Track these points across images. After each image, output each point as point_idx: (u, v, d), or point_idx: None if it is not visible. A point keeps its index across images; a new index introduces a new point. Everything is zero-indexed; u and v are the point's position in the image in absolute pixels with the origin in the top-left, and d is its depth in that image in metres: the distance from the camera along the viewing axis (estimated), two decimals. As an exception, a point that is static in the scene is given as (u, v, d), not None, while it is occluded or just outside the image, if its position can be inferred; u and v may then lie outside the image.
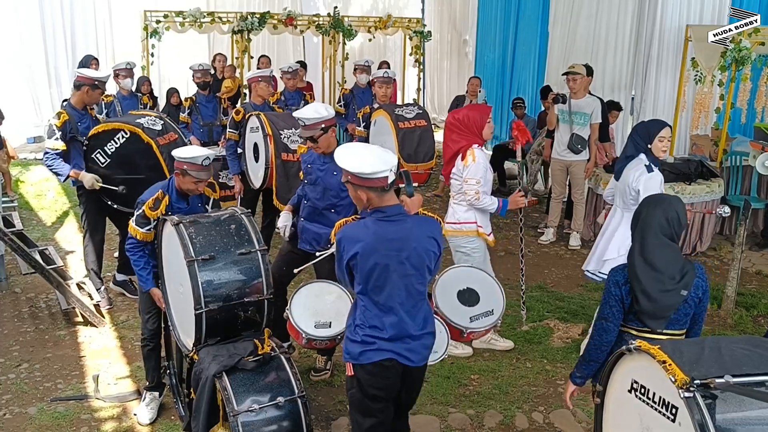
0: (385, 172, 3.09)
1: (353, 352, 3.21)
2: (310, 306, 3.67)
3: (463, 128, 5.08)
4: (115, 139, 5.62)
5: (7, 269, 6.59)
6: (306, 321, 3.60)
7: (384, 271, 3.12)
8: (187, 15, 10.91)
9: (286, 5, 12.59)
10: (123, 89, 7.62)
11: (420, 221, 3.32)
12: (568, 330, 5.85)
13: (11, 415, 4.48)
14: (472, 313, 3.98)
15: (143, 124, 5.66)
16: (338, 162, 3.18)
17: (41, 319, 5.88)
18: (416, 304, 3.23)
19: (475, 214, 5.15)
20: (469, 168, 5.01)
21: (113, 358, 5.26)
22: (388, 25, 12.37)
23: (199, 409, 3.71)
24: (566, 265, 7.49)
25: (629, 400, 2.78)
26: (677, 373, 2.47)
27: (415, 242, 3.15)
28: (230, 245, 3.75)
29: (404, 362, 3.22)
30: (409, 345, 3.22)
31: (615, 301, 3.23)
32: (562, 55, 10.68)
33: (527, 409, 4.71)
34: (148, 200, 4.24)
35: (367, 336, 3.18)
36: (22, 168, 10.74)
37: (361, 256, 3.11)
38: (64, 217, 8.67)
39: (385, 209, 3.16)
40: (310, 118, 4.62)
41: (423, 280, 3.22)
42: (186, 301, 3.72)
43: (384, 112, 6.81)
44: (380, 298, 3.16)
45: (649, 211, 3.19)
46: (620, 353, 2.85)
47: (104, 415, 4.52)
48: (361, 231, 3.16)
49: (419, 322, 3.25)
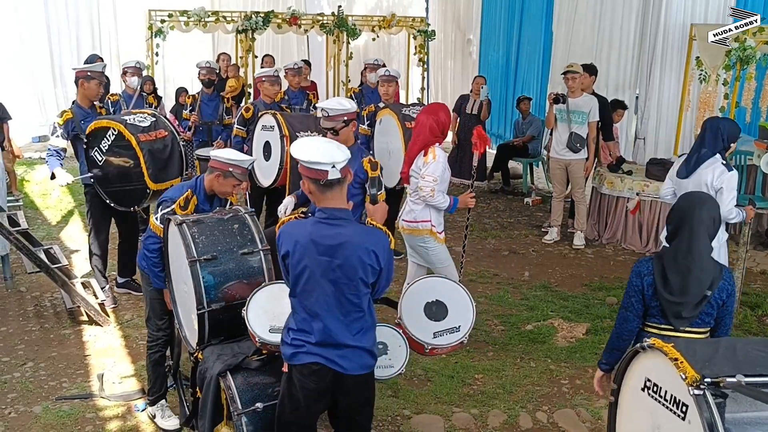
0: (324, 166, 2.98)
1: (286, 354, 3.13)
2: (268, 309, 3.54)
3: (437, 128, 5.09)
4: (106, 137, 5.61)
5: (13, 268, 6.61)
6: (261, 324, 3.47)
7: (312, 274, 3.01)
8: (192, 14, 10.92)
9: (290, 4, 12.58)
10: (129, 88, 7.63)
11: (362, 231, 3.15)
12: (572, 329, 5.84)
13: (16, 413, 4.50)
14: (437, 329, 3.80)
15: (127, 121, 5.64)
16: (290, 149, 3.14)
17: (46, 317, 5.90)
18: (349, 314, 3.06)
19: (430, 213, 5.17)
20: (429, 165, 5.03)
21: (118, 357, 5.27)
22: (392, 25, 12.36)
23: (204, 408, 3.72)
24: (570, 264, 7.48)
25: (642, 398, 2.78)
26: (688, 371, 2.47)
27: (350, 251, 3.00)
28: (233, 245, 3.75)
29: (334, 368, 3.06)
30: (341, 352, 3.07)
31: (635, 292, 3.27)
32: (566, 55, 10.65)
33: (531, 408, 4.71)
34: (179, 199, 4.11)
35: (296, 339, 3.08)
36: (27, 167, 10.77)
37: (292, 255, 3.04)
38: (68, 216, 8.69)
39: (327, 210, 3.06)
40: (334, 109, 4.67)
41: (356, 292, 3.04)
42: (190, 300, 3.73)
43: (391, 112, 6.80)
44: (308, 303, 3.05)
45: (697, 209, 3.20)
46: (635, 351, 2.86)
47: (109, 413, 4.54)
48: (297, 230, 3.09)
49: (354, 333, 3.08)
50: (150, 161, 5.51)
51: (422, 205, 5.16)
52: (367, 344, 3.14)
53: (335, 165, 3.01)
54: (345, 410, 3.23)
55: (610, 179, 8.00)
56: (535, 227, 8.67)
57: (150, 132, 5.63)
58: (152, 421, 4.45)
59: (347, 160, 3.09)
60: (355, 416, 3.25)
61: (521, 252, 7.84)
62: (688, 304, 3.15)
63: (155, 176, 5.55)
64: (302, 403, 3.15)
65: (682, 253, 3.17)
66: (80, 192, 9.19)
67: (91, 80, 5.81)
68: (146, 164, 5.49)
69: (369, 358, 3.16)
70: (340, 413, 3.25)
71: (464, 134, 9.83)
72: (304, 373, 3.09)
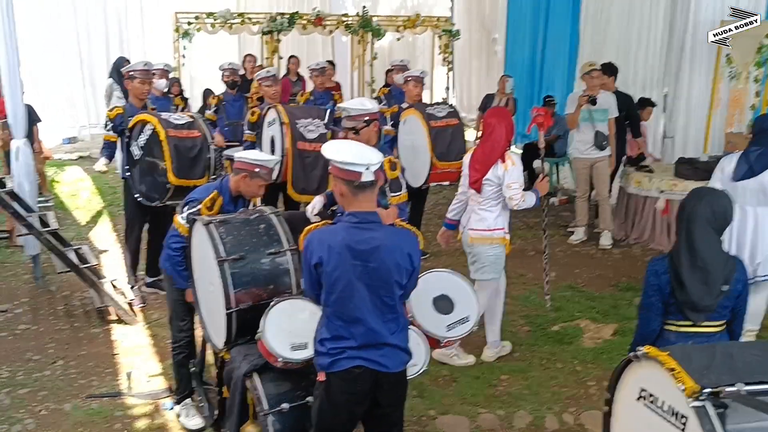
0: (358, 167, 2.96)
1: (323, 364, 3.08)
2: (284, 327, 3.50)
3: (512, 133, 5.10)
4: (144, 131, 5.73)
5: (43, 268, 6.72)
6: (281, 343, 3.43)
7: (349, 280, 2.98)
8: (218, 16, 11.04)
9: (315, 5, 12.66)
10: (156, 90, 7.72)
11: (395, 233, 3.15)
12: (599, 330, 5.78)
13: (47, 411, 4.57)
14: (449, 321, 3.85)
15: (162, 116, 5.74)
16: (323, 151, 3.11)
17: (76, 317, 5.98)
18: (384, 315, 3.06)
19: (503, 221, 5.10)
20: (509, 172, 4.93)
21: (146, 356, 5.33)
22: (416, 25, 12.35)
23: (232, 408, 3.75)
24: (597, 264, 7.41)
25: (638, 408, 2.69)
26: (686, 381, 2.38)
27: (385, 254, 2.99)
28: (260, 245, 3.77)
29: (376, 368, 3.05)
30: (383, 351, 3.07)
31: (653, 291, 3.21)
32: (593, 53, 10.54)
33: (558, 410, 4.67)
34: (205, 200, 4.15)
35: (334, 348, 3.04)
36: (57, 168, 10.93)
37: (327, 263, 2.99)
38: (98, 216, 8.81)
39: (358, 214, 3.03)
40: (356, 108, 4.68)
41: (391, 294, 3.04)
42: (216, 300, 3.75)
43: (416, 111, 6.79)
44: (347, 309, 3.02)
45: (697, 203, 3.16)
46: (628, 360, 2.79)
47: (137, 412, 4.59)
48: (329, 236, 3.04)
49: (391, 332, 3.08)
50: (175, 156, 5.57)
51: (496, 213, 5.05)
52: (404, 343, 3.17)
53: (369, 167, 2.99)
54: (384, 409, 3.21)
55: (637, 178, 7.91)
56: (561, 227, 8.60)
57: (182, 129, 5.70)
58: (178, 420, 4.49)
59: (380, 163, 3.08)
60: (392, 414, 3.26)
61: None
62: (703, 300, 3.10)
63: (178, 171, 5.59)
64: (344, 409, 3.13)
65: (689, 250, 3.11)
66: (109, 193, 9.35)
67: (134, 79, 6.00)
68: (171, 158, 5.55)
69: (405, 355, 3.19)
70: (378, 413, 3.22)
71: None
72: (345, 379, 3.06)
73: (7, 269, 6.99)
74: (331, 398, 3.11)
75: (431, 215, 8.38)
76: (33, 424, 4.42)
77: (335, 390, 3.08)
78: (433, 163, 6.63)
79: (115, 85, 8.97)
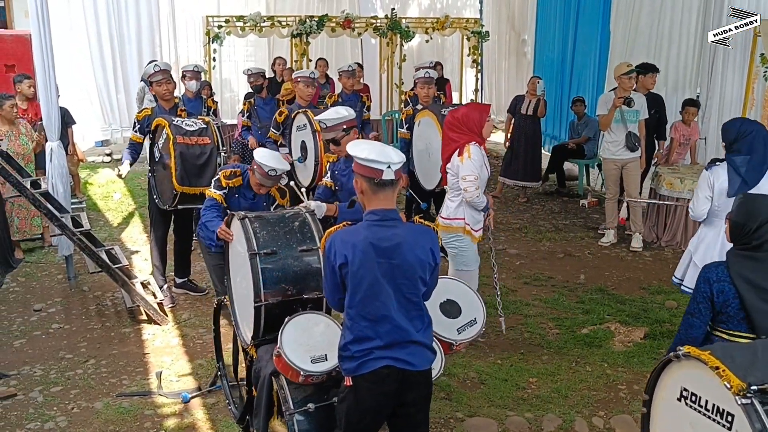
0: (380, 165, 3.00)
1: (350, 368, 3.07)
2: (302, 341, 3.51)
3: (462, 126, 5.12)
4: (163, 134, 5.81)
5: (76, 268, 6.82)
6: (301, 357, 3.43)
7: (375, 278, 2.99)
8: (248, 20, 11.12)
9: (344, 8, 12.68)
10: (188, 91, 7.81)
11: (415, 229, 3.16)
12: (629, 333, 5.71)
13: (79, 409, 4.63)
14: (458, 325, 3.86)
15: (174, 121, 5.78)
16: (347, 148, 3.17)
17: (107, 316, 6.07)
18: (409, 312, 3.07)
19: (464, 211, 5.17)
20: (464, 164, 5.03)
21: (175, 356, 5.38)
22: (445, 26, 12.32)
23: (259, 407, 3.78)
24: (627, 267, 7.32)
25: (679, 408, 2.68)
26: (732, 379, 2.38)
27: (407, 250, 3.02)
28: (293, 241, 3.80)
29: (404, 367, 3.04)
30: (409, 349, 3.06)
31: (703, 298, 3.17)
32: (624, 53, 10.43)
33: (587, 413, 4.62)
34: (227, 170, 4.89)
35: (359, 350, 3.04)
36: (90, 170, 11.11)
37: (351, 262, 3.00)
38: (129, 217, 8.92)
39: (378, 212, 3.06)
40: (332, 119, 4.70)
41: (416, 291, 3.07)
42: (247, 295, 3.78)
43: (429, 113, 6.74)
44: (372, 308, 3.02)
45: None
46: (667, 360, 2.76)
47: (167, 411, 4.63)
48: (351, 236, 3.05)
49: (417, 330, 3.09)
50: (180, 162, 5.59)
51: (457, 203, 5.18)
52: (429, 340, 3.17)
53: (391, 165, 3.03)
54: (409, 408, 3.20)
55: (669, 180, 7.80)
56: (591, 229, 8.52)
57: (191, 136, 5.71)
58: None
59: (402, 163, 3.11)
60: (418, 414, 3.24)
61: (577, 254, 7.71)
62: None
63: (182, 178, 5.61)
64: (371, 410, 3.12)
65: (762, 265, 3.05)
66: (141, 195, 9.47)
67: (152, 83, 6.23)
68: (176, 165, 5.59)
69: (431, 353, 3.19)
70: (404, 413, 3.21)
71: (518, 135, 9.73)
72: (373, 380, 3.05)
73: (42, 269, 7.11)
74: (359, 400, 3.10)
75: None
76: (65, 421, 4.48)
77: (363, 392, 3.07)
78: None
79: (147, 89, 9.06)
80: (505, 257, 7.44)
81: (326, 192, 5.17)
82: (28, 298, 6.39)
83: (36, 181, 6.56)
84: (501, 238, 5.44)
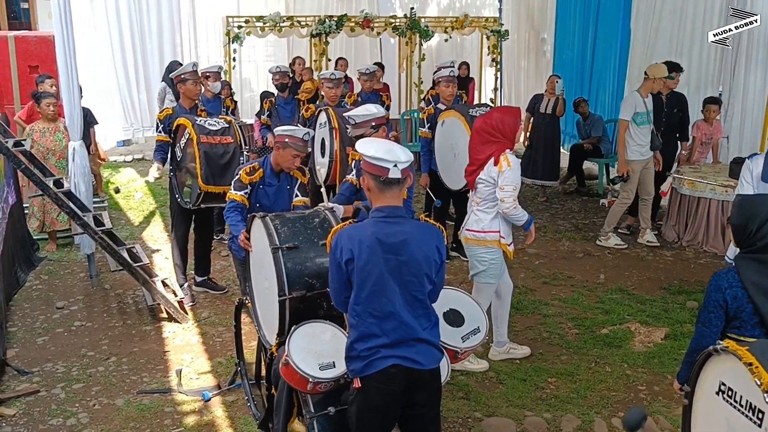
0: (386, 163, 3.02)
1: (356, 368, 3.07)
2: (309, 349, 3.50)
3: (496, 132, 4.82)
4: (185, 134, 5.85)
5: (98, 266, 6.90)
6: (310, 364, 3.41)
7: (381, 274, 3.00)
8: (267, 20, 11.16)
9: (363, 8, 12.69)
10: (208, 91, 7.87)
11: (421, 226, 3.17)
12: (650, 334, 5.67)
13: (100, 406, 4.69)
14: (462, 333, 3.88)
15: (197, 121, 5.82)
16: (357, 145, 3.18)
17: (129, 314, 6.13)
18: (416, 310, 3.07)
19: (499, 224, 4.91)
20: (504, 174, 4.76)
21: (195, 353, 5.43)
22: (464, 25, 12.29)
23: (279, 407, 3.78)
24: (648, 267, 7.26)
25: (717, 402, 2.68)
26: (764, 376, 2.37)
27: (414, 247, 3.03)
28: (314, 236, 3.81)
29: (411, 365, 3.04)
30: (416, 348, 3.06)
31: (715, 307, 3.10)
32: (644, 52, 10.36)
33: (606, 414, 4.59)
34: (246, 167, 4.83)
35: (366, 349, 3.04)
36: (112, 170, 11.22)
37: (358, 258, 3.01)
38: (150, 216, 9.00)
39: (384, 209, 3.08)
40: (361, 115, 4.70)
41: (422, 288, 3.07)
42: (271, 295, 3.79)
43: (456, 113, 6.67)
44: (378, 304, 3.02)
45: None
46: (708, 353, 2.75)
47: (186, 408, 4.67)
48: (358, 232, 3.07)
49: (423, 328, 3.09)
50: (204, 162, 5.64)
51: (492, 215, 4.91)
52: (436, 339, 3.17)
53: (397, 164, 3.04)
54: (419, 408, 3.18)
55: (690, 179, 7.73)
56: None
57: (215, 136, 5.76)
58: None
59: (409, 163, 3.11)
60: (428, 413, 3.23)
61: (596, 254, 7.67)
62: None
63: (206, 178, 5.66)
64: (381, 411, 3.12)
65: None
66: (162, 194, 9.55)
67: (186, 81, 6.19)
68: (201, 164, 5.64)
69: (438, 352, 3.18)
70: (414, 413, 3.20)
71: (537, 134, 9.69)
72: (381, 380, 3.05)
73: (64, 267, 7.20)
74: (369, 401, 3.09)
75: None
76: (86, 417, 4.54)
77: (372, 393, 3.07)
78: None
79: (168, 89, 9.15)
80: (524, 257, 7.42)
81: (350, 188, 5.17)
82: (50, 296, 6.47)
83: (59, 180, 6.64)
84: (520, 238, 5.38)
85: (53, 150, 7.46)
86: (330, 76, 7.32)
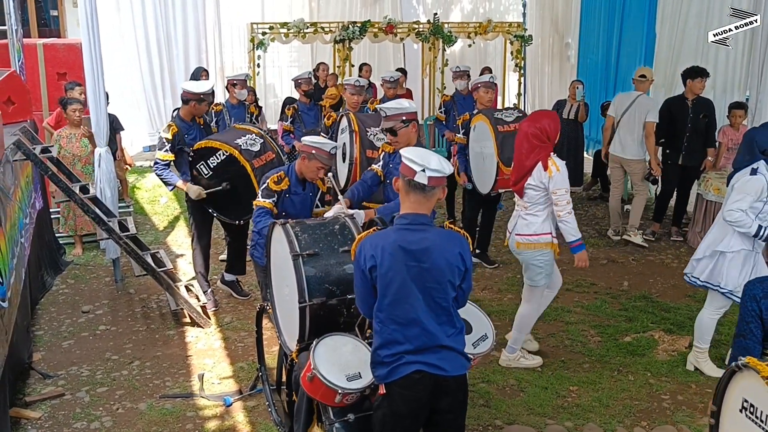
0: (415, 165, 3.04)
1: (381, 374, 3.09)
2: (334, 361, 3.50)
3: (544, 137, 4.88)
4: (216, 155, 5.87)
5: (123, 271, 6.99)
6: (337, 376, 3.41)
7: (403, 281, 3.02)
8: (292, 26, 11.23)
9: (387, 14, 12.72)
10: (233, 98, 7.93)
11: (445, 234, 3.17)
12: (674, 342, 5.61)
13: (123, 409, 4.74)
14: (472, 340, 3.87)
15: (241, 146, 5.84)
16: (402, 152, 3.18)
17: (152, 318, 6.19)
18: (439, 317, 3.07)
19: (550, 225, 4.98)
20: (554, 178, 4.83)
21: (217, 358, 5.47)
22: (488, 30, 12.27)
23: (300, 413, 3.80)
24: (672, 274, 7.17)
25: (741, 420, 2.65)
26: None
27: (437, 254, 3.04)
28: (334, 243, 3.82)
29: (436, 372, 3.05)
30: (441, 354, 3.06)
31: (752, 317, 3.07)
32: (670, 57, 10.25)
33: (629, 423, 4.55)
34: (273, 176, 4.88)
35: (389, 355, 3.05)
36: (137, 175, 11.35)
37: (381, 265, 3.03)
38: (174, 221, 9.09)
39: (409, 216, 3.10)
40: (392, 108, 4.73)
41: (445, 295, 3.07)
42: (291, 301, 3.80)
43: (483, 117, 6.75)
44: (402, 311, 3.03)
45: None
46: (732, 371, 2.71)
47: (208, 413, 4.70)
48: (381, 239, 3.09)
49: (448, 335, 3.09)
50: (260, 183, 5.67)
51: (542, 217, 4.96)
52: (460, 347, 3.17)
53: (426, 170, 3.05)
54: (445, 415, 3.19)
55: (716, 185, 7.63)
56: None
57: (261, 156, 5.86)
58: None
59: (442, 173, 3.09)
60: (454, 421, 3.23)
61: (620, 261, 7.60)
62: None
63: None
64: (407, 417, 3.13)
65: None
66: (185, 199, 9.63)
67: (202, 102, 6.12)
68: (258, 185, 5.64)
69: (464, 359, 3.18)
70: (439, 420, 3.20)
71: (560, 139, 9.61)
72: (405, 386, 3.06)
73: (90, 272, 7.30)
74: (394, 408, 3.10)
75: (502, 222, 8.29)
76: (110, 421, 4.59)
77: (397, 399, 3.08)
78: (500, 169, 6.54)
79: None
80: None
81: (374, 178, 5.17)
82: (76, 300, 6.56)
83: (85, 186, 6.74)
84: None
85: (79, 156, 7.59)
86: (354, 83, 7.36)
